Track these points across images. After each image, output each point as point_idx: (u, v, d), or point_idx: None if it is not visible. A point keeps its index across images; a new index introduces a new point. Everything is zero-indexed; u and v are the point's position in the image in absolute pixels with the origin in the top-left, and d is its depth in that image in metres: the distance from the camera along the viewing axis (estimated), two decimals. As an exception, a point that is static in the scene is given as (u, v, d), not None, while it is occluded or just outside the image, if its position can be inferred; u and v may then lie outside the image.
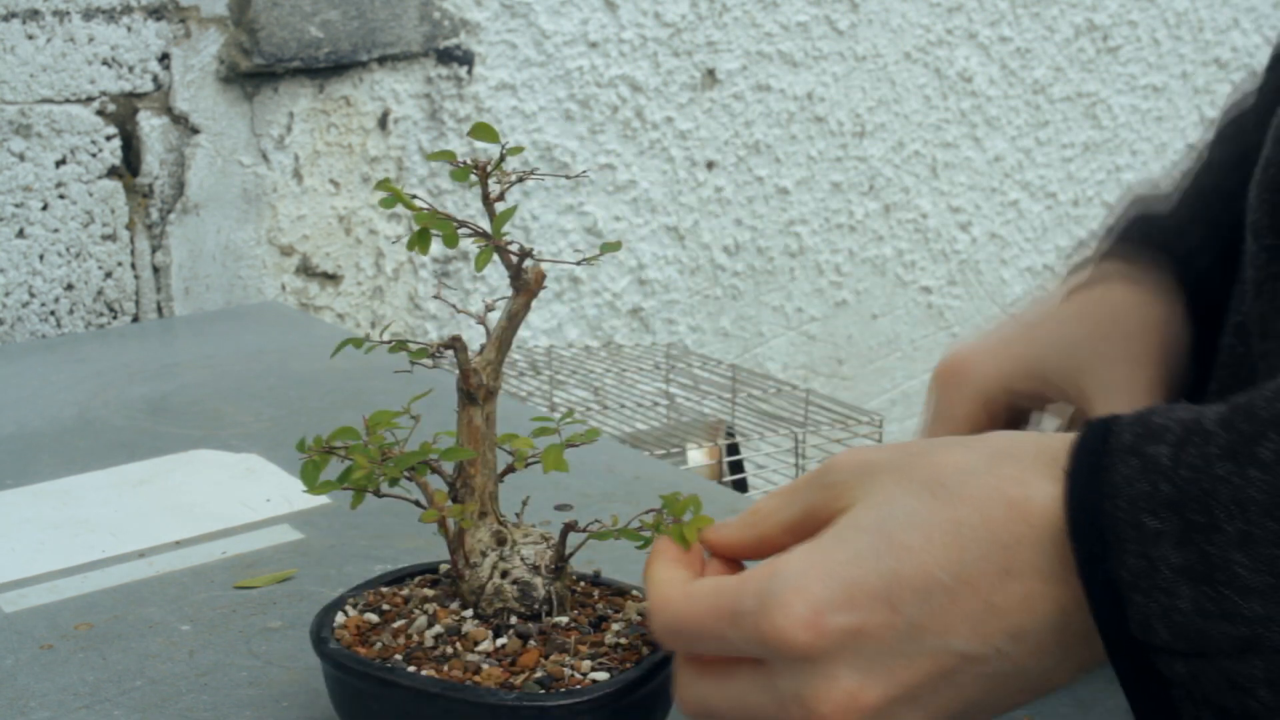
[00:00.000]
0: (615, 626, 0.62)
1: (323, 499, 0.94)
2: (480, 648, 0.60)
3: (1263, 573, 0.43)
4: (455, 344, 0.63)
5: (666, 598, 0.53)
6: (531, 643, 0.60)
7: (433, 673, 0.59)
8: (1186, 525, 0.44)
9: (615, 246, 0.64)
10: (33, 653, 0.75)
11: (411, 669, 0.59)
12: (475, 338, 0.66)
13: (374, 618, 0.63)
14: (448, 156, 0.63)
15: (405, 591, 0.66)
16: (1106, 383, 0.70)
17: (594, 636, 0.62)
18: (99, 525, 0.91)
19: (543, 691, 0.57)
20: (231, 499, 0.95)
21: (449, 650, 0.60)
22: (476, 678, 0.58)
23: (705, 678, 0.52)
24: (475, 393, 0.63)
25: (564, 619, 0.62)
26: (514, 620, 0.61)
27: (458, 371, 0.63)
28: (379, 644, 0.61)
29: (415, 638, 0.61)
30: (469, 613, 0.62)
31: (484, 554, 0.62)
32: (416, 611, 0.63)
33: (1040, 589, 0.47)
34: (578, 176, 0.68)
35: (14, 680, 0.72)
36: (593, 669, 0.59)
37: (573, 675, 0.59)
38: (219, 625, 0.77)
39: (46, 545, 0.88)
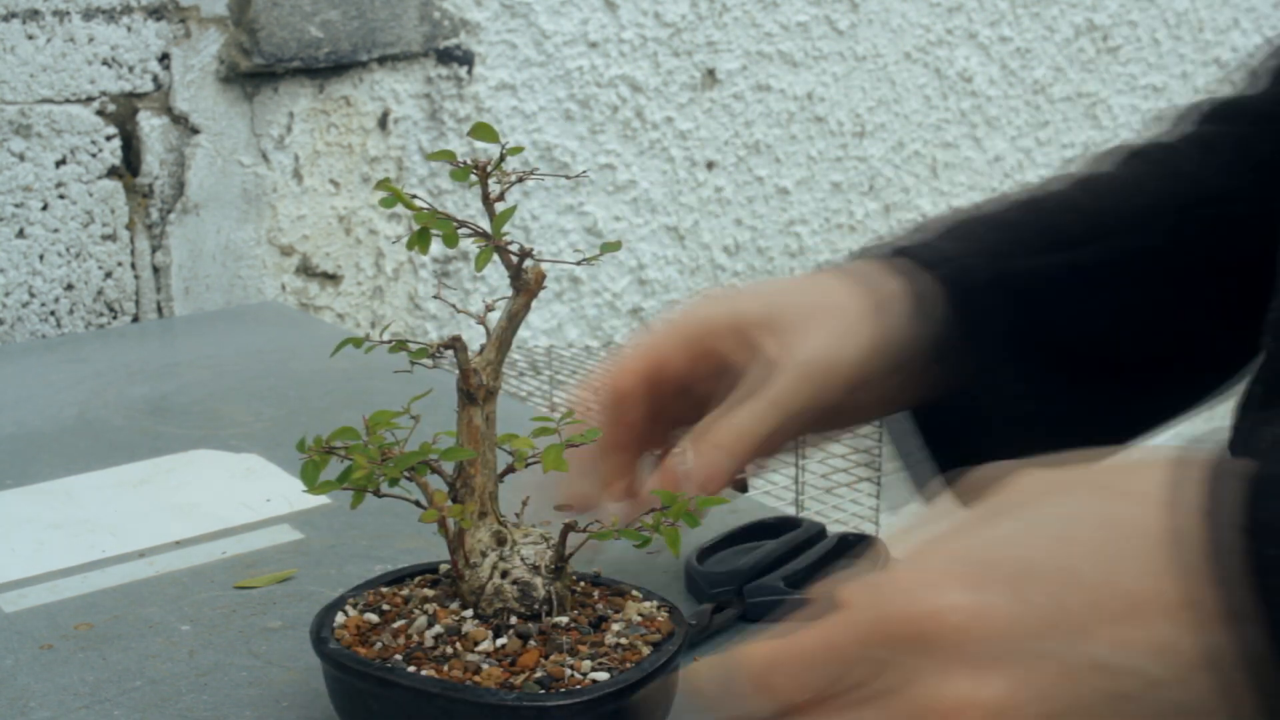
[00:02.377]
0: (615, 627, 0.62)
1: (323, 499, 0.94)
2: (480, 648, 0.60)
3: None
4: (455, 344, 0.63)
5: (757, 646, 0.47)
6: (531, 643, 0.60)
7: (432, 673, 0.59)
8: None
9: (615, 246, 0.64)
10: (33, 653, 0.75)
11: (411, 669, 0.59)
12: (476, 337, 0.66)
13: (374, 618, 0.63)
14: (448, 156, 0.64)
15: (405, 592, 0.66)
16: (789, 342, 0.69)
17: (594, 636, 0.62)
18: (99, 525, 0.91)
19: (542, 691, 0.57)
20: (231, 499, 0.95)
21: (449, 650, 0.60)
22: (476, 678, 0.58)
23: None
24: (475, 393, 0.63)
25: (564, 619, 0.62)
26: (514, 620, 0.61)
27: (458, 371, 0.63)
28: (379, 644, 0.61)
29: (415, 638, 0.61)
30: (469, 613, 0.62)
31: (484, 554, 0.62)
32: (416, 611, 0.63)
33: (1189, 625, 0.42)
34: (577, 177, 0.69)
35: (14, 680, 0.72)
36: (593, 669, 0.59)
37: (573, 675, 0.59)
38: (219, 625, 0.77)
39: (46, 545, 0.88)
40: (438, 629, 0.61)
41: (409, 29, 1.58)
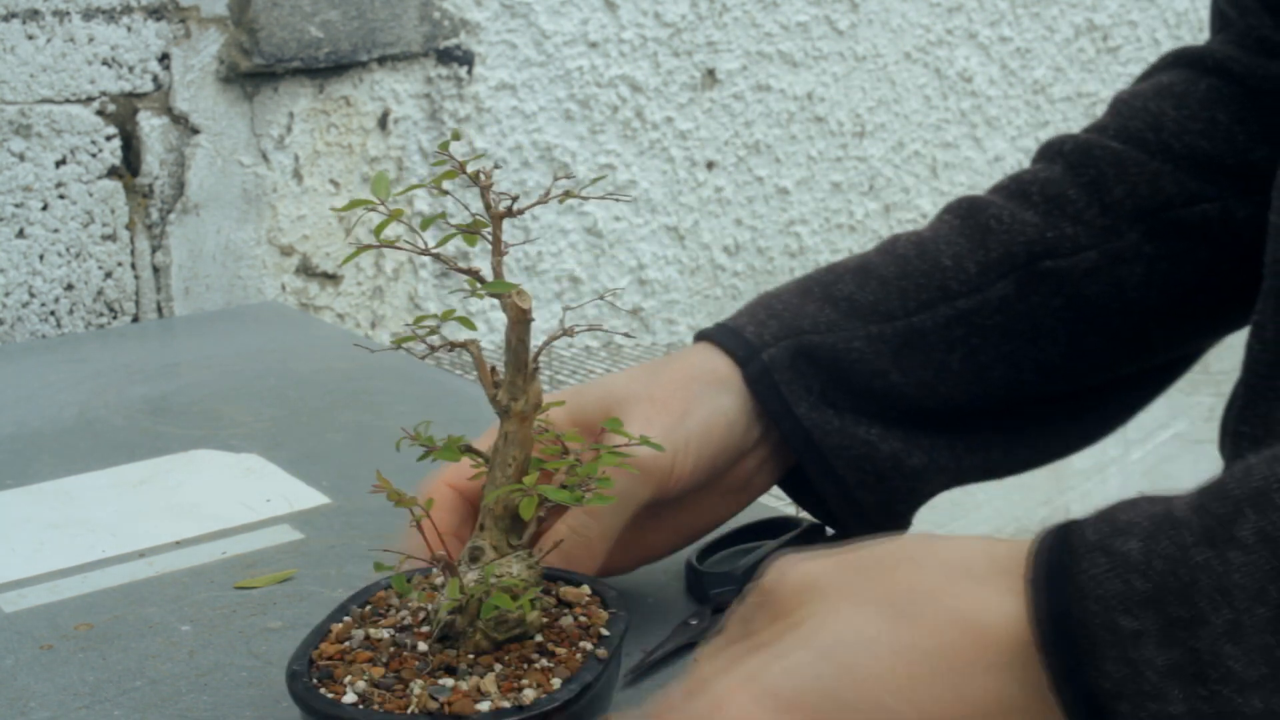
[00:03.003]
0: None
1: (323, 499, 0.94)
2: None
3: (1258, 664, 0.40)
4: (469, 346, 0.63)
5: None
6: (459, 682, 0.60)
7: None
8: (1168, 621, 0.41)
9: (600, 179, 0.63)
10: (33, 653, 0.75)
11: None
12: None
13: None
14: (454, 138, 0.63)
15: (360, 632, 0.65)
16: (618, 407, 0.70)
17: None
18: (99, 525, 0.91)
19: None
20: (231, 499, 0.95)
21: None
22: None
23: None
24: (494, 406, 0.63)
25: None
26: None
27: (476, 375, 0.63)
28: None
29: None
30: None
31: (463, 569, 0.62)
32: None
33: (1004, 713, 0.44)
34: (608, 197, 0.68)
35: (14, 680, 0.72)
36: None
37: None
38: (219, 625, 0.77)
39: (46, 545, 0.88)
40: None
41: (409, 29, 1.58)
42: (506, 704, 0.57)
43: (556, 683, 0.59)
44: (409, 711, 0.57)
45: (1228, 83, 0.79)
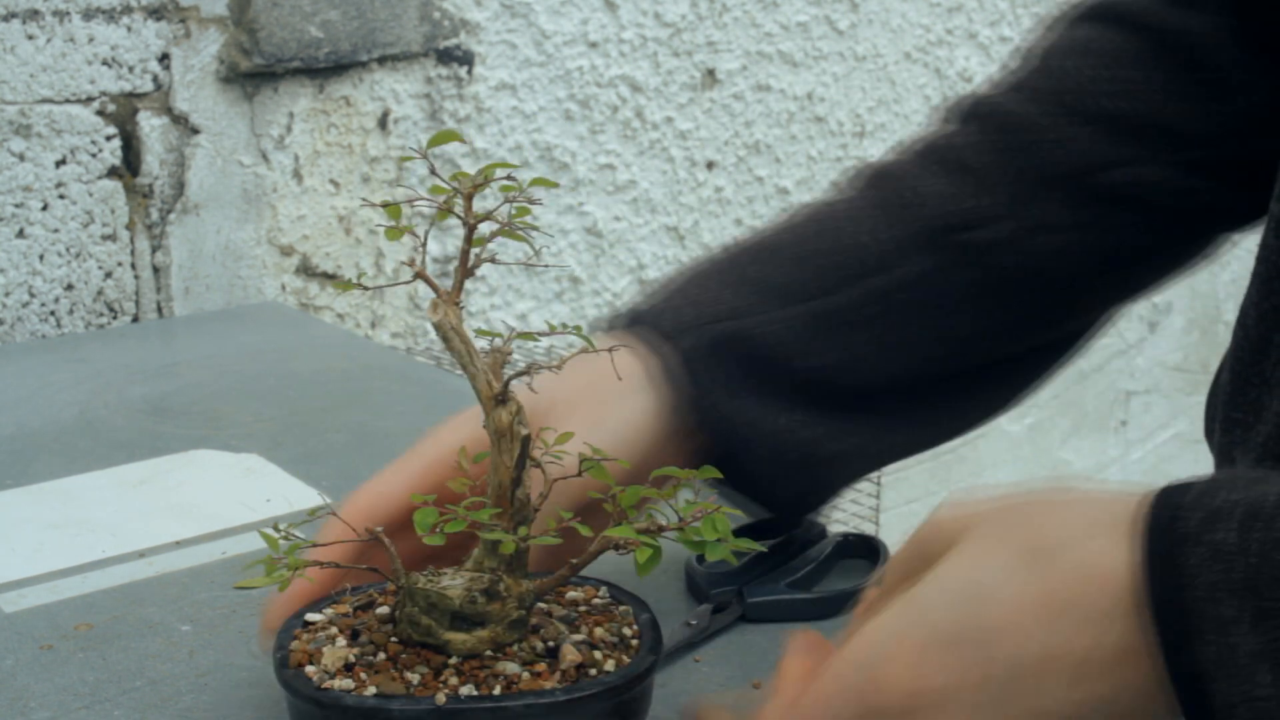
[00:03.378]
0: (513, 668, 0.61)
1: (323, 499, 0.93)
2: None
3: None
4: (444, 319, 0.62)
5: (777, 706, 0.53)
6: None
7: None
8: (1260, 609, 0.44)
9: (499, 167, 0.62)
10: (33, 653, 0.75)
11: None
12: (476, 337, 0.66)
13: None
14: (454, 137, 0.63)
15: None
16: (555, 424, 0.68)
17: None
18: (99, 525, 0.91)
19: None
20: (231, 499, 0.95)
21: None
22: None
23: None
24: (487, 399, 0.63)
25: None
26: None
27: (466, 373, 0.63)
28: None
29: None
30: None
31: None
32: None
33: (1134, 661, 0.47)
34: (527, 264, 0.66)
35: (14, 680, 0.72)
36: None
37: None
38: (219, 625, 0.77)
39: (46, 545, 0.88)
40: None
41: (409, 29, 1.58)
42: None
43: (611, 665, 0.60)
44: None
45: (1140, 35, 0.77)
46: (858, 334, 0.74)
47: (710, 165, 1.89)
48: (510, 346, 0.63)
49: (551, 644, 0.61)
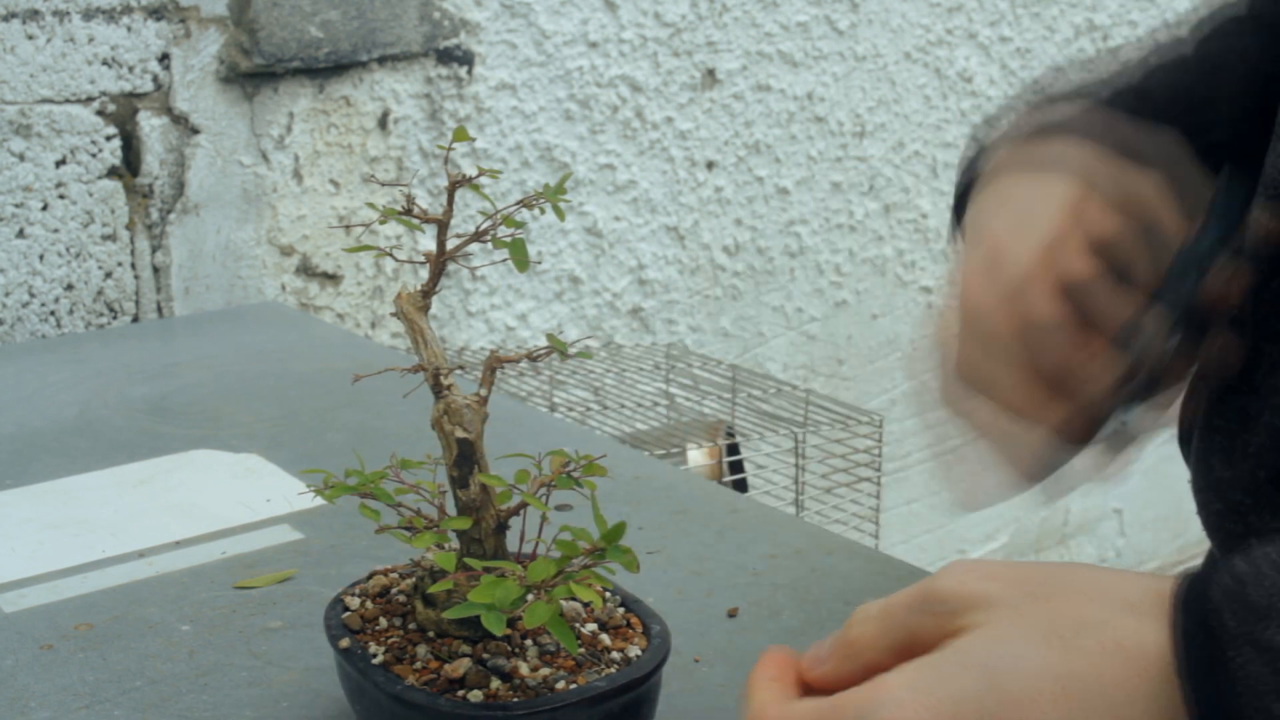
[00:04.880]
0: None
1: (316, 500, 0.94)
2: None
3: None
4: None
5: (766, 716, 0.52)
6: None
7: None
8: None
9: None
10: (33, 653, 0.75)
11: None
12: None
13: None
14: (466, 136, 0.64)
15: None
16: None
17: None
18: (99, 525, 0.91)
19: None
20: (231, 499, 0.95)
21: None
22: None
23: None
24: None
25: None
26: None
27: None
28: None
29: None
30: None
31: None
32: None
33: None
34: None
35: (14, 680, 0.72)
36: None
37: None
38: (219, 625, 0.77)
39: (46, 545, 0.88)
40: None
41: (409, 29, 1.58)
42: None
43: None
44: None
45: None
46: None
47: (710, 165, 1.89)
48: (502, 353, 0.63)
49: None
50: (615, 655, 0.62)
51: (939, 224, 2.14)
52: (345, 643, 0.61)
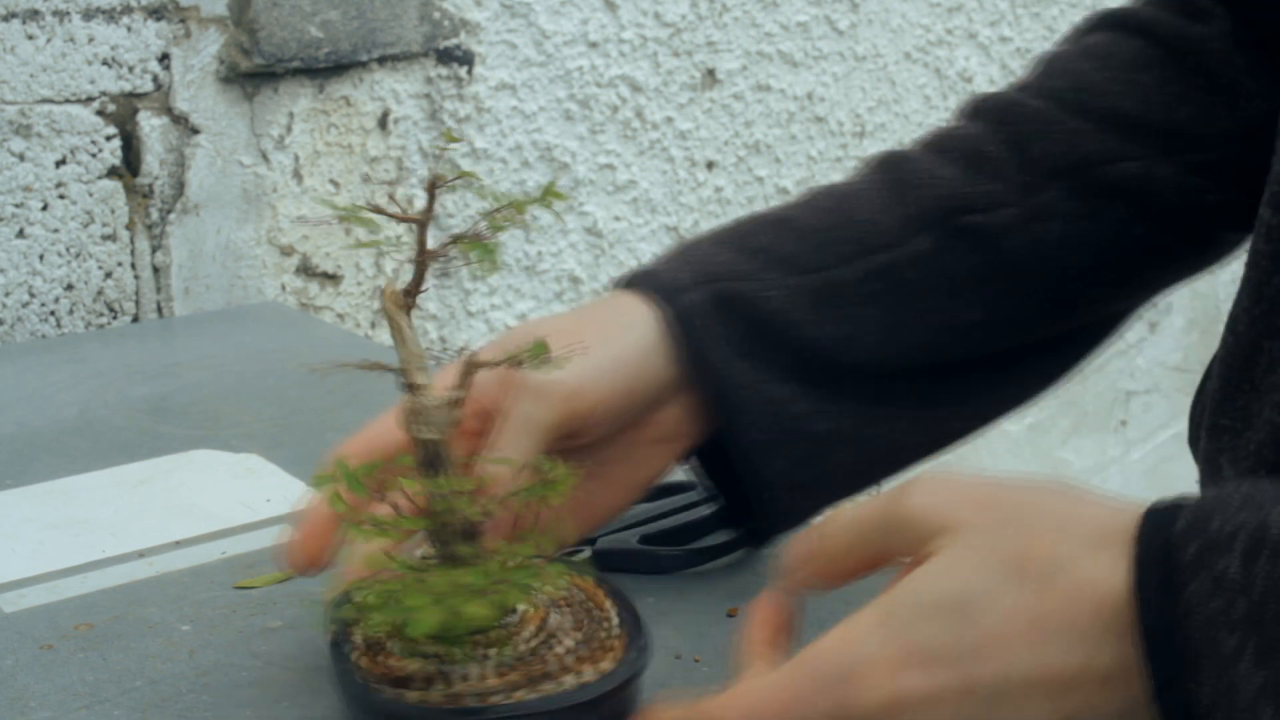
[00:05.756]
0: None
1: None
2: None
3: None
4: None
5: (726, 697, 0.52)
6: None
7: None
8: (1265, 641, 0.43)
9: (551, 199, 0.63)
10: (33, 653, 0.75)
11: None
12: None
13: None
14: (453, 139, 0.64)
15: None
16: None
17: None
18: (99, 525, 0.91)
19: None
20: (231, 499, 0.95)
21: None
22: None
23: None
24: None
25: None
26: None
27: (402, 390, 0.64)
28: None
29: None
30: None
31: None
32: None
33: (1126, 676, 0.46)
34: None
35: (14, 680, 0.72)
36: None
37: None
38: (219, 625, 0.77)
39: (46, 545, 0.88)
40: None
41: (409, 29, 1.58)
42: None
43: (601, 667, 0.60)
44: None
45: (1152, 44, 0.79)
46: (858, 309, 0.74)
47: (710, 165, 1.89)
48: (480, 356, 0.63)
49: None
50: (575, 677, 0.60)
51: (939, 224, 2.14)
52: (333, 629, 0.61)
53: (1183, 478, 0.71)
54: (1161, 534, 0.46)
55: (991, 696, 0.47)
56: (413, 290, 0.62)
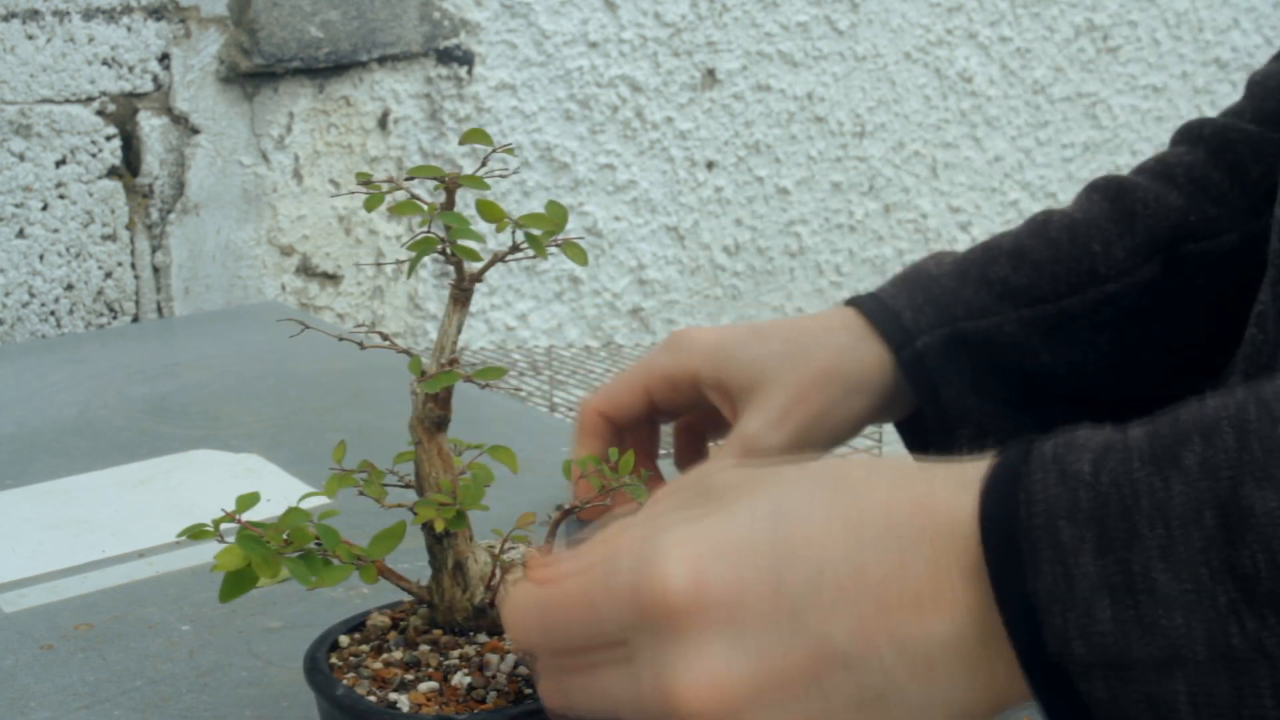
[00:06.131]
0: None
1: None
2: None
3: (1184, 582, 0.40)
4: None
5: (527, 592, 0.49)
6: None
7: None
8: (1106, 535, 0.41)
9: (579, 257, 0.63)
10: (33, 653, 0.75)
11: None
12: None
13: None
14: (482, 138, 0.63)
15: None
16: (761, 387, 0.74)
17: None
18: (99, 525, 0.91)
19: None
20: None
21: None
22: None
23: (568, 673, 0.48)
24: (446, 417, 0.64)
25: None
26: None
27: (418, 394, 0.64)
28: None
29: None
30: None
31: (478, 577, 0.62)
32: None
33: (938, 593, 0.44)
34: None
35: (14, 680, 0.72)
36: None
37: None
38: (219, 625, 0.77)
39: (46, 545, 0.88)
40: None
41: (409, 29, 1.58)
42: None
43: None
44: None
45: None
46: (1089, 336, 0.78)
47: (710, 165, 1.89)
48: (458, 356, 0.63)
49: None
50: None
51: (939, 224, 2.14)
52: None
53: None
54: (1024, 444, 0.45)
55: (801, 596, 0.44)
56: (471, 283, 0.63)
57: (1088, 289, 0.78)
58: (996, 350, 0.77)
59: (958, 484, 0.45)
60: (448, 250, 0.61)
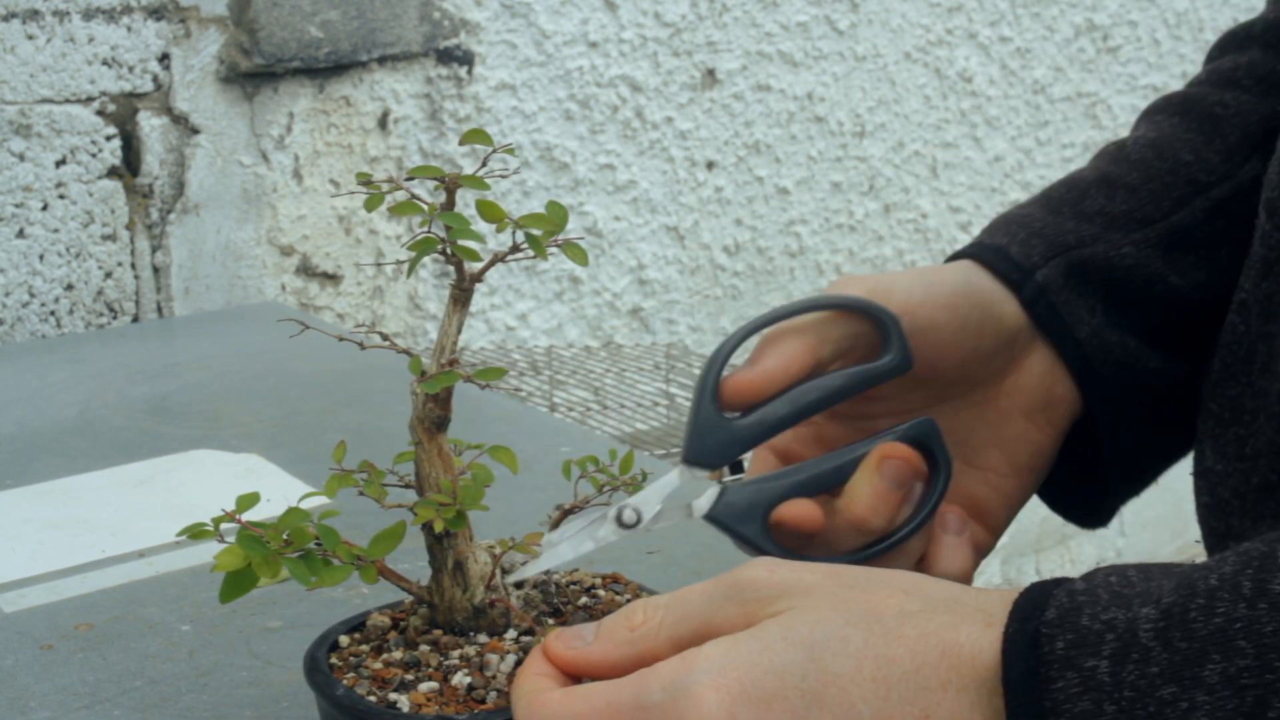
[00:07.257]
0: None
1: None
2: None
3: None
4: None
5: (543, 700, 0.49)
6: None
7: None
8: None
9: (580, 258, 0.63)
10: (33, 653, 0.75)
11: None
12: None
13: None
14: (482, 138, 0.63)
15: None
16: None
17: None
18: (99, 525, 0.91)
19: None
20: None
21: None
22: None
23: None
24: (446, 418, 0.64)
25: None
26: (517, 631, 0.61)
27: (418, 394, 0.64)
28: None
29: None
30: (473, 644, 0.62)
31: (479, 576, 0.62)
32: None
33: None
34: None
35: (14, 680, 0.72)
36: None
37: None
38: (219, 625, 0.77)
39: (46, 545, 0.88)
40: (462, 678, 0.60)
41: (409, 29, 1.58)
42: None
43: None
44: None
45: None
46: (1208, 250, 0.72)
47: (710, 165, 1.89)
48: (459, 357, 0.63)
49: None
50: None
51: (939, 224, 2.14)
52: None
53: (1182, 478, 0.71)
54: (1032, 621, 0.46)
55: None
56: (471, 283, 0.63)
57: (1193, 199, 0.72)
58: (1120, 277, 0.70)
59: (983, 623, 0.46)
60: (448, 250, 0.61)
